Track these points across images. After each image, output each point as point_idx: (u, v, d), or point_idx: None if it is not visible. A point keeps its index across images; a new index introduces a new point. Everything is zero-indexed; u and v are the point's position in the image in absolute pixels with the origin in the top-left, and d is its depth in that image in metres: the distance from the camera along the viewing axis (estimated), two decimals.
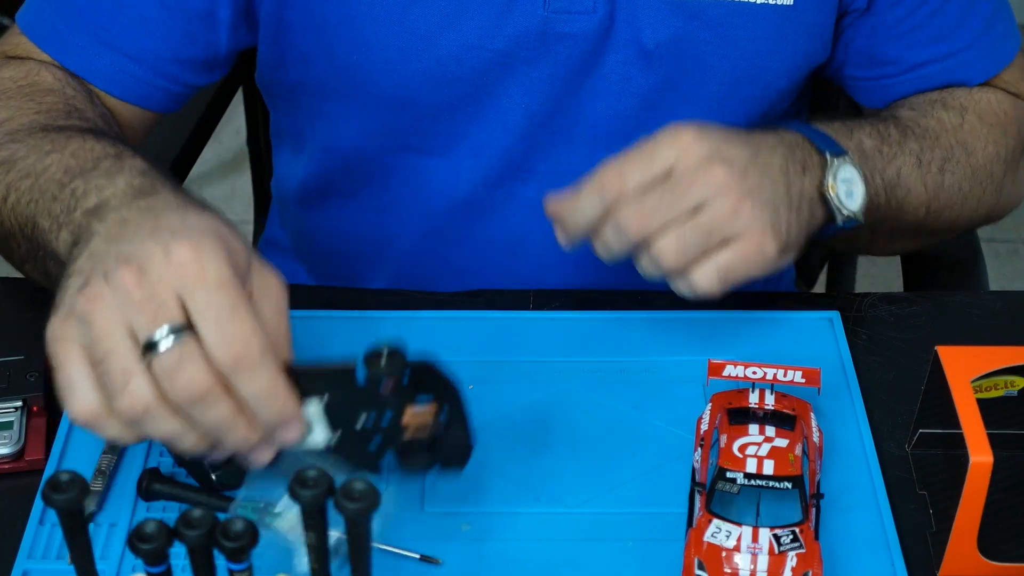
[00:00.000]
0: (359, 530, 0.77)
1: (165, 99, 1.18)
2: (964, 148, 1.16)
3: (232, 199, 2.71)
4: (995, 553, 0.92)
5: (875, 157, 1.11)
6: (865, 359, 1.08)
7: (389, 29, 1.12)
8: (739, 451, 0.92)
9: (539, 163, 1.20)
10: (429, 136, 1.19)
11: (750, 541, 0.88)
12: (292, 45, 1.17)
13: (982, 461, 0.87)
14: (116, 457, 0.98)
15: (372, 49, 1.13)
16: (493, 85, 1.15)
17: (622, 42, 1.13)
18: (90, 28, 1.14)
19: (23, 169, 1.00)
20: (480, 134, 1.18)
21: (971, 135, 1.17)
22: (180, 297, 0.80)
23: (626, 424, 1.02)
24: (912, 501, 0.97)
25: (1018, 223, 2.69)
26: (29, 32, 1.15)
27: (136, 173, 0.93)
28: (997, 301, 1.14)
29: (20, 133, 1.05)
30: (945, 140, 1.16)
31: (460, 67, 1.13)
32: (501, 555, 0.93)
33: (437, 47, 1.12)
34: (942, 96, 1.19)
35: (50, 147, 1.00)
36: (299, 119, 1.26)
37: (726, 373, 0.98)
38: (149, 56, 1.15)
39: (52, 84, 1.12)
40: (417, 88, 1.15)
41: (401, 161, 1.21)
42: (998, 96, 1.21)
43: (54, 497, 0.75)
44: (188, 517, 0.76)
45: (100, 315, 0.80)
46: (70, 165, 0.96)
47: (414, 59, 1.13)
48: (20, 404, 1.00)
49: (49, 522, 0.94)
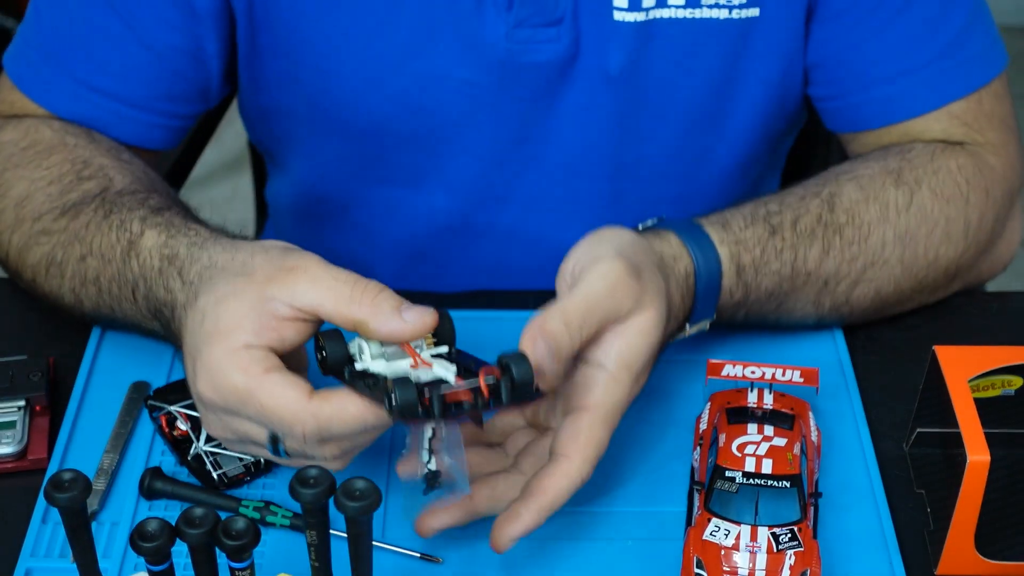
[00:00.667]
0: (359, 529, 0.77)
1: (165, 135, 1.17)
2: (902, 241, 1.07)
3: (233, 200, 2.71)
4: (992, 551, 0.92)
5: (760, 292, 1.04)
6: (863, 359, 1.08)
7: (354, 57, 1.12)
8: (738, 450, 0.93)
9: (514, 190, 1.19)
10: (401, 165, 1.19)
11: (749, 540, 0.88)
12: (264, 71, 1.16)
13: (979, 460, 0.87)
14: (118, 456, 0.99)
15: (339, 77, 1.13)
16: (461, 114, 1.14)
17: (587, 69, 1.12)
18: (77, 75, 1.12)
19: (75, 276, 1.03)
20: (451, 163, 1.18)
21: (917, 219, 1.08)
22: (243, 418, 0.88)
23: (626, 424, 1.02)
24: (910, 500, 0.98)
25: None
26: (20, 83, 1.14)
27: (155, 272, 0.96)
28: (994, 301, 1.15)
29: (45, 220, 1.05)
30: (876, 237, 1.06)
31: (425, 96, 1.13)
32: (501, 555, 0.93)
33: (402, 76, 1.12)
34: (899, 165, 1.10)
35: (80, 250, 1.02)
36: (276, 145, 1.26)
37: (725, 373, 0.98)
38: (140, 98, 1.13)
39: (52, 140, 1.10)
40: (384, 117, 1.14)
41: (376, 191, 1.21)
42: (960, 162, 1.11)
43: (57, 496, 0.75)
44: (190, 516, 0.76)
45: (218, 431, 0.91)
46: (113, 275, 1.00)
47: (379, 88, 1.13)
48: (23, 404, 1.01)
49: (52, 521, 0.94)
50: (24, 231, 1.06)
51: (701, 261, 1.00)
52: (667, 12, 1.09)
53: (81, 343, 1.07)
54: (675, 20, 1.10)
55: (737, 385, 0.99)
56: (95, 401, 1.03)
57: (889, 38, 1.12)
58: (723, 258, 1.02)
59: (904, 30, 1.12)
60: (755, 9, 1.10)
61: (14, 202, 1.08)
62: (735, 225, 1.03)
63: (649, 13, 1.09)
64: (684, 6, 1.09)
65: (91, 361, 1.06)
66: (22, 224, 1.06)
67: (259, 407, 0.85)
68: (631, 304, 0.91)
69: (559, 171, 1.18)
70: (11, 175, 1.09)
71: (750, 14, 1.10)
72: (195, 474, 0.97)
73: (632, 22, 1.09)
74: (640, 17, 1.09)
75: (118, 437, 1.00)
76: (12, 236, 1.07)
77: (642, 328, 0.91)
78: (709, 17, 1.10)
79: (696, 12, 1.09)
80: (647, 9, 1.09)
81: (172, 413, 0.99)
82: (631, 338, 0.91)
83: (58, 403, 1.03)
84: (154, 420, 1.00)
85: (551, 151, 1.17)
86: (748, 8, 1.10)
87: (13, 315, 1.11)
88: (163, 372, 1.05)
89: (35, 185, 1.07)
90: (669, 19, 1.10)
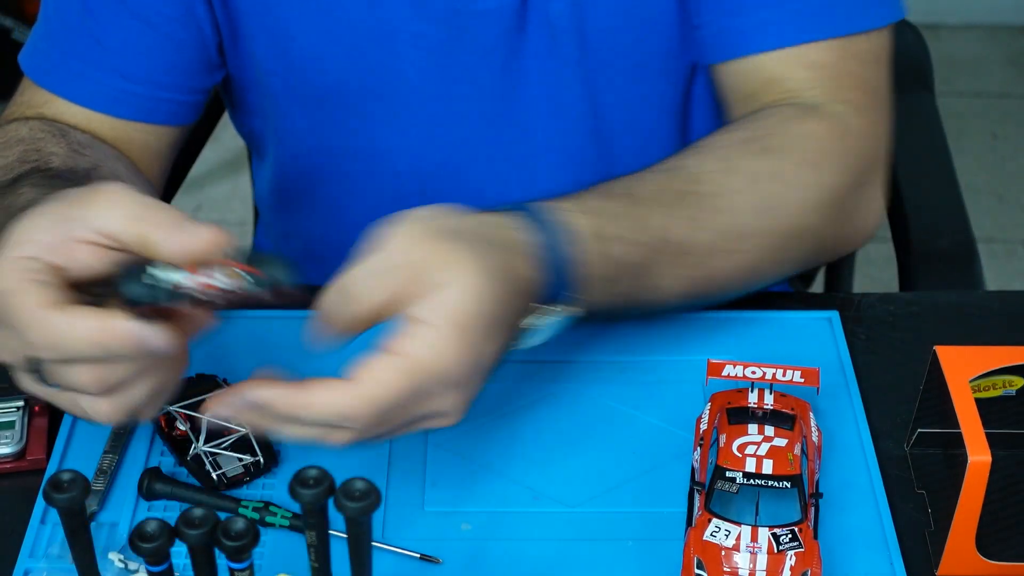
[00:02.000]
0: (359, 530, 0.77)
1: (176, 110, 1.17)
2: (765, 210, 1.04)
3: (232, 199, 2.71)
4: (993, 552, 0.92)
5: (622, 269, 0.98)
6: (864, 359, 1.08)
7: (309, 16, 1.12)
8: (738, 450, 0.92)
9: (480, 149, 1.18)
10: (365, 132, 1.18)
11: (749, 540, 0.88)
12: (238, 39, 1.17)
13: (980, 460, 0.87)
14: (117, 457, 0.98)
15: (296, 38, 1.13)
16: (417, 71, 1.14)
17: (536, 17, 1.12)
18: (82, 56, 1.14)
19: None
20: (414, 126, 1.17)
21: (778, 186, 1.05)
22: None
23: (626, 424, 1.02)
24: (910, 500, 0.98)
25: (1017, 223, 2.69)
26: (31, 73, 1.16)
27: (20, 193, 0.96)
28: (995, 301, 1.15)
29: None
30: (740, 205, 1.02)
31: (381, 52, 1.13)
32: (501, 555, 0.93)
33: (356, 32, 1.12)
34: (759, 134, 1.06)
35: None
36: (252, 128, 1.27)
37: (725, 373, 0.98)
38: (142, 73, 1.14)
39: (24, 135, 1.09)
40: (343, 76, 1.14)
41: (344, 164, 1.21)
42: (819, 127, 1.07)
43: (56, 496, 0.75)
44: (189, 516, 0.76)
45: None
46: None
47: (336, 46, 1.13)
48: (22, 404, 1.01)
49: (51, 521, 0.94)
50: None
51: (544, 234, 0.92)
52: None
53: None
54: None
55: (737, 385, 0.99)
56: None
57: None
58: (584, 228, 0.94)
59: None
60: None
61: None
62: (594, 199, 0.98)
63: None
64: None
65: None
66: None
67: (7, 306, 0.83)
68: (436, 265, 0.85)
69: (530, 127, 1.17)
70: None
71: None
72: (194, 475, 0.97)
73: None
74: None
75: (117, 437, 1.00)
76: None
77: (468, 288, 0.84)
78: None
79: None
80: None
81: (171, 413, 0.99)
82: (459, 297, 0.84)
83: None
84: (153, 420, 1.00)
85: (516, 107, 1.16)
86: None
87: None
88: None
89: None
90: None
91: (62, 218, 0.84)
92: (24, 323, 0.82)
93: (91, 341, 0.82)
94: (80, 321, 0.81)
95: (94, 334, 0.81)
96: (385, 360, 0.83)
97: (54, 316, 0.82)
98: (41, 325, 0.82)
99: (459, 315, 0.84)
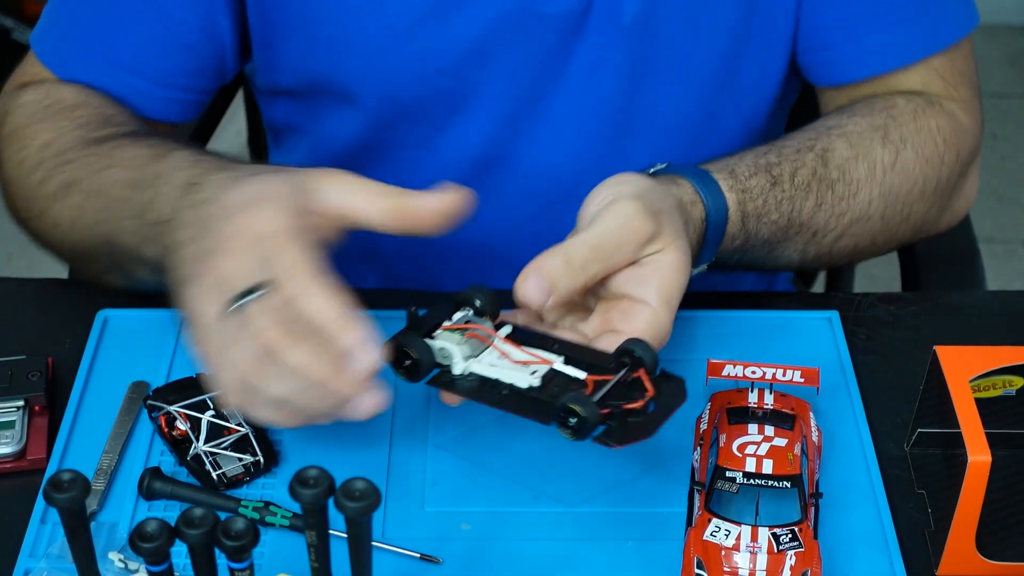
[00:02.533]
0: (359, 530, 0.77)
1: (183, 109, 1.18)
2: (884, 199, 1.14)
3: None
4: (993, 552, 0.92)
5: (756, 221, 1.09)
6: (864, 359, 1.08)
7: (367, 25, 1.12)
8: (738, 450, 0.92)
9: (523, 149, 1.19)
10: (413, 130, 1.19)
11: (749, 540, 0.88)
12: (279, 45, 1.17)
13: (980, 460, 0.87)
14: (117, 456, 0.98)
15: (352, 47, 1.13)
16: (475, 74, 1.14)
17: (601, 20, 1.12)
18: (96, 49, 1.15)
19: (86, 189, 1.05)
20: (464, 124, 1.18)
21: (900, 177, 1.14)
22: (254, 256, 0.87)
23: None
24: (911, 500, 0.98)
25: (1018, 223, 2.69)
26: (43, 57, 1.17)
27: (180, 167, 0.99)
28: (995, 301, 1.15)
29: (70, 152, 1.08)
30: (864, 195, 1.13)
31: (441, 60, 1.13)
32: (501, 555, 0.93)
33: (417, 41, 1.12)
34: (885, 122, 1.15)
35: (104, 163, 1.05)
36: (289, 119, 1.27)
37: (725, 373, 0.98)
38: (155, 72, 1.15)
39: (75, 98, 1.13)
40: (399, 84, 1.15)
41: (387, 156, 1.21)
42: (939, 122, 1.17)
43: (56, 496, 0.75)
44: (189, 516, 0.76)
45: (203, 308, 0.88)
46: (127, 178, 1.02)
47: (393, 55, 1.13)
48: (22, 403, 1.01)
49: (51, 521, 0.94)
50: (46, 167, 1.09)
51: (711, 207, 1.04)
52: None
53: (80, 343, 1.07)
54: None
55: (737, 385, 0.99)
56: (94, 401, 1.03)
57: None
58: (730, 205, 1.06)
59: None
60: None
61: (38, 147, 1.10)
62: (741, 174, 1.08)
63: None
64: None
65: (90, 361, 1.05)
66: (44, 162, 1.09)
67: (274, 246, 0.86)
68: (644, 239, 0.94)
69: (568, 130, 1.18)
70: (35, 128, 1.12)
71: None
72: (194, 474, 0.97)
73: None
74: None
75: (117, 437, 1.00)
76: (33, 174, 1.09)
77: (674, 264, 0.95)
78: None
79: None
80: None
81: (171, 413, 0.99)
82: (666, 276, 0.94)
83: (57, 403, 1.03)
84: (153, 420, 1.00)
85: (561, 109, 1.17)
86: None
87: (12, 315, 1.11)
88: (162, 372, 1.05)
89: (60, 132, 1.10)
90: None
91: (299, 187, 0.90)
92: (289, 266, 0.85)
93: (332, 313, 0.85)
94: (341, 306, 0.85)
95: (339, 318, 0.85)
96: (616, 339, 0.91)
97: (320, 275, 0.85)
98: (308, 269, 0.85)
99: (668, 293, 0.94)
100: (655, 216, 0.95)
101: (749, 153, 1.11)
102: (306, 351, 0.85)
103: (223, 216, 0.90)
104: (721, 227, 1.05)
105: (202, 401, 1.00)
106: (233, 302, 0.86)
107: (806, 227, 1.11)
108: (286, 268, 0.86)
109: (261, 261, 0.86)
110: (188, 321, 0.90)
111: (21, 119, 1.13)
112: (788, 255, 1.13)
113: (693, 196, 1.04)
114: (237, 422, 0.98)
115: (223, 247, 0.88)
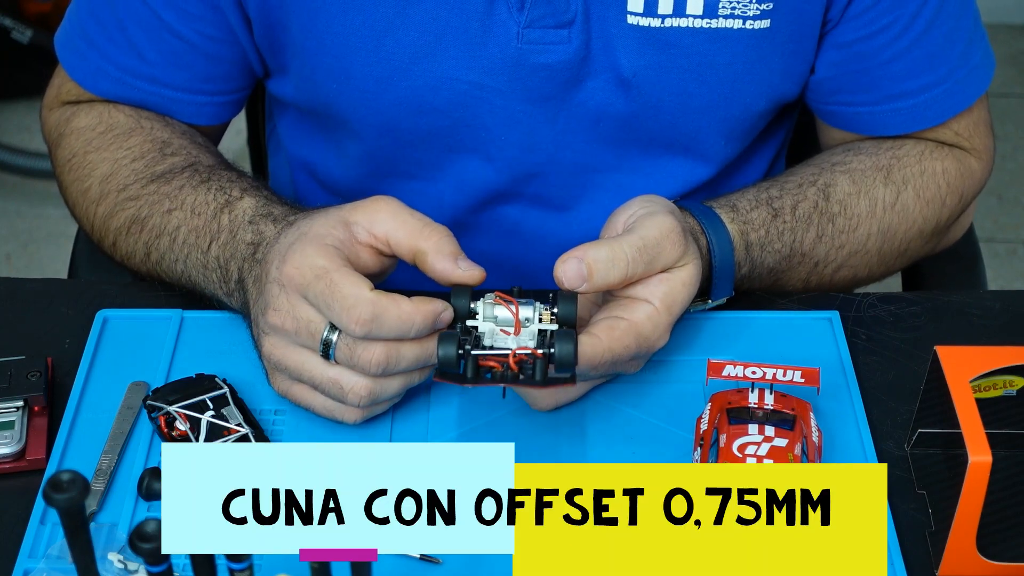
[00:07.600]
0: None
1: (219, 111, 1.21)
2: (883, 235, 1.17)
3: None
4: (994, 552, 0.92)
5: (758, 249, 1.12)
6: (864, 359, 1.08)
7: (365, 59, 1.12)
8: (738, 450, 0.92)
9: (522, 188, 1.20)
10: (411, 164, 1.20)
11: None
12: (283, 66, 1.18)
13: (981, 461, 0.87)
14: (117, 457, 0.98)
15: (350, 78, 1.14)
16: (471, 115, 1.15)
17: (599, 70, 1.13)
18: (119, 64, 1.17)
19: (153, 229, 1.09)
20: (461, 162, 1.19)
21: (899, 217, 1.17)
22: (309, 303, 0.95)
23: (626, 424, 1.02)
24: (911, 500, 0.98)
25: (1018, 223, 2.69)
26: (71, 72, 1.19)
27: (245, 221, 1.05)
28: (996, 301, 1.15)
29: (133, 187, 1.12)
30: (863, 230, 1.16)
31: (436, 97, 1.13)
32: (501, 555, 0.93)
33: (412, 77, 1.13)
34: (890, 163, 1.18)
35: (169, 204, 1.09)
36: (292, 136, 1.28)
37: (726, 373, 0.98)
38: (183, 82, 1.18)
39: (128, 123, 1.16)
40: (396, 117, 1.15)
41: (384, 186, 1.22)
42: (945, 165, 1.20)
43: (55, 497, 0.75)
44: None
45: (287, 358, 0.97)
46: (196, 226, 1.07)
47: (391, 89, 1.13)
48: (21, 404, 1.01)
49: (51, 521, 0.94)
50: (110, 201, 1.13)
51: (715, 241, 1.07)
52: (684, 21, 1.11)
53: (80, 343, 1.07)
54: (692, 29, 1.11)
55: (738, 385, 0.99)
56: (94, 401, 1.03)
57: (912, 57, 1.16)
58: (733, 236, 1.10)
59: (926, 49, 1.16)
60: (766, 21, 1.12)
61: (99, 179, 1.14)
62: (743, 207, 1.12)
63: (665, 20, 1.10)
64: (702, 16, 1.10)
65: (90, 361, 1.05)
66: (107, 196, 1.13)
67: (329, 284, 0.93)
68: (676, 257, 0.98)
69: (568, 173, 1.19)
70: (94, 156, 1.15)
71: (762, 25, 1.12)
72: None
73: (647, 27, 1.10)
74: (655, 23, 1.10)
75: (117, 437, 1.00)
76: (98, 208, 1.14)
77: (685, 279, 0.99)
78: (724, 27, 1.11)
79: (712, 22, 1.11)
80: (663, 16, 1.10)
81: (171, 413, 0.99)
82: (675, 285, 0.98)
83: (56, 403, 1.03)
84: (153, 420, 1.00)
85: (561, 153, 1.18)
86: (760, 20, 1.11)
87: (12, 315, 1.11)
88: (162, 372, 1.05)
89: (119, 164, 1.14)
90: (686, 28, 1.11)
91: (346, 222, 0.97)
92: (343, 299, 0.92)
93: (410, 319, 0.93)
94: (404, 303, 0.93)
95: (413, 315, 0.93)
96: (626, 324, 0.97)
97: (376, 296, 0.93)
98: (363, 303, 0.92)
99: (672, 300, 0.98)
100: (685, 234, 0.99)
101: (751, 188, 1.15)
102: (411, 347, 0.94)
103: (269, 279, 0.97)
104: (728, 259, 1.08)
105: (201, 401, 1.00)
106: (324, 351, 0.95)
107: (808, 257, 1.15)
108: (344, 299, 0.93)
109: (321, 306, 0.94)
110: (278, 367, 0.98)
111: (78, 145, 1.17)
112: (791, 283, 1.16)
113: (697, 229, 1.07)
114: (237, 422, 0.98)
115: (273, 304, 0.96)
